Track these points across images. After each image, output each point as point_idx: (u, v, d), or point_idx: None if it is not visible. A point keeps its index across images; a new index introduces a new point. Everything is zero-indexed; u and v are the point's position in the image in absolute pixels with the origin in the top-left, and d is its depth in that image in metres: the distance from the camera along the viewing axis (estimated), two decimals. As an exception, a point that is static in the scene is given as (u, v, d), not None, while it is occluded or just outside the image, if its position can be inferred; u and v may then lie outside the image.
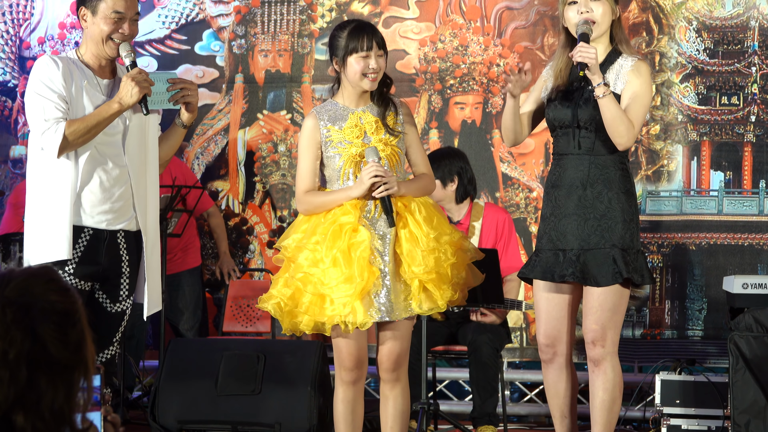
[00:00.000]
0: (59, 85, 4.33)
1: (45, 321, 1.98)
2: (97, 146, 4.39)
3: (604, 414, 4.40)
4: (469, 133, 7.19)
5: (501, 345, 6.03)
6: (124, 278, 4.47)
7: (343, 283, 4.26)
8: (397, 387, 4.40)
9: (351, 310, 4.27)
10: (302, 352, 5.82)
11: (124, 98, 4.32)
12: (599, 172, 4.39)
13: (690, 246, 7.07)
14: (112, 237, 4.42)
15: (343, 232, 4.30)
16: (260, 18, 7.50)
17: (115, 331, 4.50)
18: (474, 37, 7.29)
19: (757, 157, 7.05)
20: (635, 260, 4.39)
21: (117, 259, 4.45)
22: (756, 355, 5.31)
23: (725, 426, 5.68)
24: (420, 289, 4.34)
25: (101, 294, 4.46)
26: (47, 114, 4.31)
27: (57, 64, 4.36)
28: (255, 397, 5.69)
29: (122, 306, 4.49)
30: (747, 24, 7.05)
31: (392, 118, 4.45)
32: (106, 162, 4.40)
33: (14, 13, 7.82)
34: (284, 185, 7.44)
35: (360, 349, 4.38)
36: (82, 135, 4.31)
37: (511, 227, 6.24)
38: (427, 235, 4.34)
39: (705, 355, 6.91)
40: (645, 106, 4.39)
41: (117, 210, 4.42)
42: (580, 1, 4.44)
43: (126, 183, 4.45)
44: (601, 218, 4.38)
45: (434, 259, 4.33)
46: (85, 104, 4.37)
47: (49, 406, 1.96)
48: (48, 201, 4.36)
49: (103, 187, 4.39)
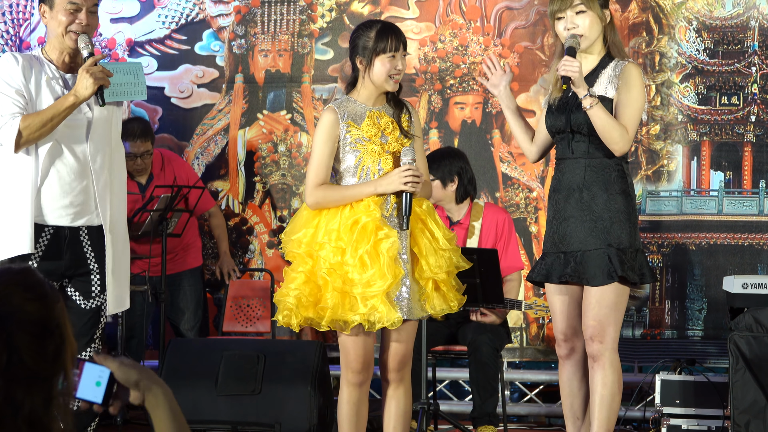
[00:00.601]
0: (17, 81, 4.37)
1: (22, 332, 1.93)
2: (59, 140, 4.41)
3: (603, 410, 4.41)
4: (469, 133, 7.19)
5: (501, 345, 6.03)
6: (94, 275, 4.47)
7: (371, 282, 4.25)
8: (400, 388, 4.40)
9: (377, 309, 4.26)
10: (302, 352, 5.82)
11: (79, 90, 4.33)
12: (595, 174, 4.42)
13: (690, 246, 7.07)
14: (73, 233, 4.43)
15: (368, 231, 4.30)
16: (260, 18, 7.50)
17: (93, 327, 4.49)
18: (474, 37, 7.29)
19: (757, 157, 7.05)
20: (632, 259, 4.41)
21: (81, 256, 4.45)
22: (756, 355, 5.31)
23: (725, 426, 5.68)
24: (433, 289, 4.38)
25: (72, 291, 4.46)
26: (3, 109, 4.35)
27: (17, 60, 4.40)
28: (255, 397, 5.69)
29: (96, 302, 4.49)
30: (747, 24, 7.05)
31: (406, 121, 4.47)
32: (67, 156, 4.42)
33: (14, 13, 7.82)
34: (284, 185, 7.44)
35: (367, 351, 4.38)
36: (37, 129, 4.33)
37: (511, 227, 6.24)
38: (444, 235, 4.41)
39: (705, 355, 6.91)
40: (638, 110, 4.39)
41: (78, 204, 4.43)
42: (566, 17, 4.45)
43: (88, 177, 4.45)
44: (597, 219, 4.41)
45: (447, 259, 4.39)
46: (45, 99, 4.40)
47: (27, 418, 1.92)
48: (8, 196, 4.38)
49: (63, 182, 4.41)
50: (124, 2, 7.67)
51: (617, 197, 4.42)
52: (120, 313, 6.41)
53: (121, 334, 6.38)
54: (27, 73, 4.39)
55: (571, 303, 4.53)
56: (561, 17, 4.46)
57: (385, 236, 4.28)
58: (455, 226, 6.14)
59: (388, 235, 4.28)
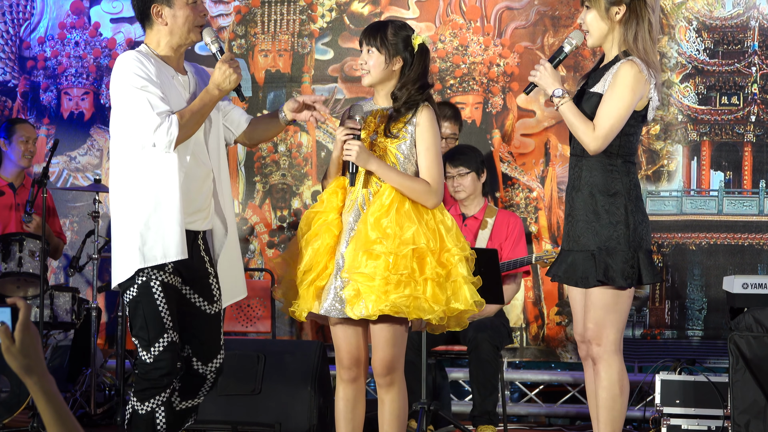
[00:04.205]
0: (157, 79, 4.14)
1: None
2: (191, 142, 4.24)
3: (604, 412, 4.40)
4: (469, 133, 7.19)
5: (501, 343, 6.03)
6: (212, 278, 4.32)
7: (303, 273, 4.33)
8: (392, 391, 4.37)
9: (301, 299, 4.33)
10: (302, 352, 5.83)
11: (222, 84, 4.16)
12: (588, 174, 4.40)
13: (690, 246, 7.07)
14: (195, 237, 4.28)
15: (314, 221, 4.36)
16: (260, 18, 7.50)
17: (218, 333, 4.35)
18: (474, 37, 7.29)
19: (757, 157, 7.05)
20: (625, 261, 4.34)
21: (200, 260, 4.30)
22: (756, 355, 5.31)
23: (725, 426, 5.68)
24: (356, 291, 4.22)
25: (196, 297, 4.30)
26: (157, 108, 4.10)
27: (146, 58, 4.18)
28: (255, 397, 5.70)
29: (218, 306, 4.35)
30: (747, 24, 7.05)
31: (403, 122, 4.37)
32: (194, 157, 4.24)
33: (14, 13, 7.82)
34: (284, 185, 7.44)
35: (357, 347, 4.38)
36: (192, 126, 4.15)
37: (521, 231, 6.23)
38: (376, 233, 4.23)
39: (705, 355, 6.91)
40: (615, 108, 4.30)
41: (204, 209, 4.28)
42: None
43: (209, 178, 4.30)
44: (590, 220, 4.39)
45: (376, 262, 4.20)
46: (176, 99, 4.20)
47: None
48: (154, 200, 4.14)
49: (193, 187, 4.23)
50: (124, 2, 7.67)
51: (606, 198, 4.36)
52: (120, 312, 6.41)
53: (121, 333, 6.38)
54: (158, 73, 4.16)
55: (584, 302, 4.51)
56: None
57: (322, 231, 4.32)
58: (468, 220, 6.16)
59: (327, 229, 4.31)
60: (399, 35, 4.36)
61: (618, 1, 4.35)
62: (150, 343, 4.13)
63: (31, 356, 2.16)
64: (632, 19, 4.36)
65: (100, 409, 6.47)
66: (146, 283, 4.13)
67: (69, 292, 6.61)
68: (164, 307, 4.14)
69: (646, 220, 4.40)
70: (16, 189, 6.90)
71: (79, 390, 6.49)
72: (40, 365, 2.17)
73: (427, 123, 4.36)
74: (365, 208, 4.31)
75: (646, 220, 4.40)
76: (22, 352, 2.16)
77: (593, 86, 4.40)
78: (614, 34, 4.40)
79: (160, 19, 4.24)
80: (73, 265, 6.76)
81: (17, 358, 2.16)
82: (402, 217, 4.26)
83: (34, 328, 2.18)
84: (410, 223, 4.25)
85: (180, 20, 4.23)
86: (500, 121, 7.24)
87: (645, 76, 4.31)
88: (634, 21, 4.36)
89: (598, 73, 4.44)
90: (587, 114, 4.35)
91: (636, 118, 4.37)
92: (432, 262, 4.23)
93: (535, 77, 4.41)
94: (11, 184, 6.89)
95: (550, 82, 4.38)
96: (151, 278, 4.13)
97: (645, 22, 4.36)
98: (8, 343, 2.16)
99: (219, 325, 4.36)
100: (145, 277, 4.13)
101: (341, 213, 4.36)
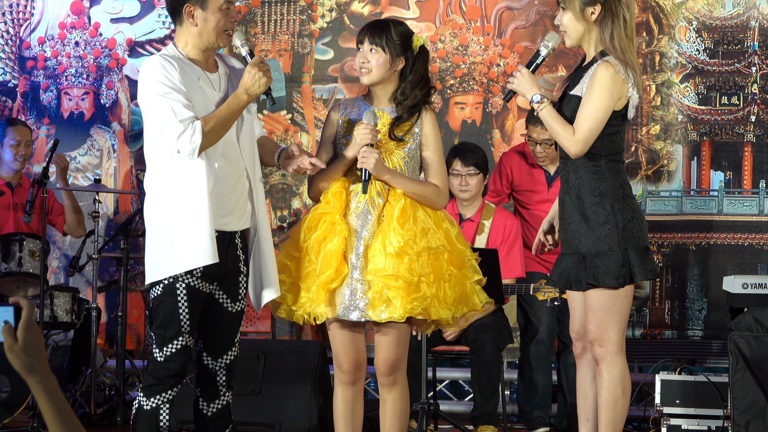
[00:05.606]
0: (180, 84, 4.12)
1: None
2: (220, 145, 4.22)
3: (605, 413, 4.40)
4: (469, 133, 7.19)
5: (503, 344, 6.03)
6: (242, 276, 4.32)
7: (311, 275, 4.28)
8: (394, 390, 4.38)
9: (314, 303, 4.27)
10: (302, 352, 5.83)
11: (251, 88, 4.15)
12: (575, 177, 4.39)
13: (690, 246, 7.07)
14: (232, 237, 4.27)
15: (321, 223, 4.31)
16: (260, 18, 7.50)
17: (236, 331, 4.35)
18: (474, 37, 7.29)
19: (757, 157, 7.06)
20: (614, 261, 4.33)
21: (236, 259, 4.29)
22: (756, 355, 5.31)
23: (725, 426, 5.68)
24: (381, 293, 4.23)
25: (221, 294, 4.30)
26: (180, 115, 4.10)
27: (170, 63, 4.15)
28: (255, 397, 5.70)
29: (241, 305, 4.35)
30: (747, 24, 7.05)
31: (407, 125, 4.37)
32: (226, 159, 4.23)
33: (14, 13, 7.82)
34: (284, 185, 7.44)
35: (357, 351, 4.37)
36: (218, 132, 4.14)
37: (518, 234, 6.21)
38: (400, 237, 4.23)
39: (705, 355, 6.91)
40: (593, 111, 4.28)
41: (239, 209, 4.27)
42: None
43: (244, 180, 4.29)
44: (576, 223, 4.38)
45: (400, 265, 4.21)
46: (198, 101, 4.18)
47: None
48: (184, 204, 4.14)
49: (227, 188, 4.22)
50: (124, 2, 7.67)
51: (593, 199, 4.34)
52: (120, 313, 6.41)
53: (121, 333, 6.38)
54: (184, 76, 4.14)
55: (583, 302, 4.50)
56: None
57: (334, 232, 4.27)
58: (465, 223, 6.14)
59: (338, 230, 4.27)
60: (401, 35, 4.35)
61: (593, 1, 4.34)
62: (164, 342, 4.18)
63: (33, 355, 2.17)
64: (608, 18, 4.34)
65: (100, 409, 6.47)
66: (172, 284, 4.16)
67: (69, 292, 6.61)
68: (185, 311, 4.17)
69: (637, 217, 4.37)
70: (14, 188, 6.89)
71: (79, 390, 6.49)
72: (42, 364, 2.17)
73: (431, 126, 4.39)
74: (374, 211, 4.31)
75: (637, 216, 4.37)
76: (25, 351, 2.16)
77: (573, 88, 4.39)
78: (591, 34, 4.38)
79: (191, 19, 4.22)
80: (73, 265, 6.76)
81: (20, 357, 2.16)
82: (420, 220, 4.29)
83: (37, 327, 2.19)
84: (426, 225, 4.29)
85: (211, 24, 4.21)
86: (500, 121, 7.24)
87: (622, 76, 4.29)
88: (609, 20, 4.34)
89: (578, 74, 4.43)
90: (568, 117, 4.34)
91: (617, 118, 4.34)
92: (446, 264, 4.28)
93: (513, 84, 4.39)
94: (9, 183, 6.88)
95: (528, 87, 4.36)
96: (178, 280, 4.16)
97: (620, 20, 4.35)
98: (11, 342, 2.16)
99: (238, 323, 4.37)
100: (172, 278, 4.16)
101: (345, 215, 4.34)
